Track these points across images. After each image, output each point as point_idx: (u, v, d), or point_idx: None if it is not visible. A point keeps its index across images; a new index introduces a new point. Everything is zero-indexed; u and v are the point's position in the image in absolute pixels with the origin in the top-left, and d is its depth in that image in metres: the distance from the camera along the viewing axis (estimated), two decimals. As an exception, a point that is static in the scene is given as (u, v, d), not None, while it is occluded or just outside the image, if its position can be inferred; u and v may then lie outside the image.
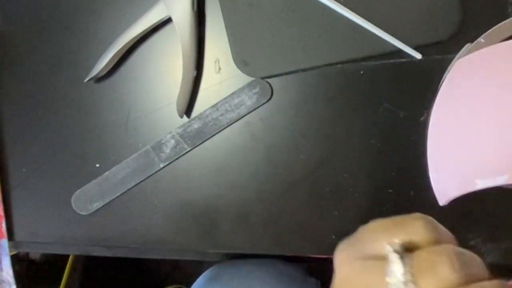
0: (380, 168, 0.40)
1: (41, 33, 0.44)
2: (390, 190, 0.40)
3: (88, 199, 0.43)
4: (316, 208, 0.41)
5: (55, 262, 0.81)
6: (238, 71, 0.41)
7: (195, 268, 0.52)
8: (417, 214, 0.24)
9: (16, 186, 0.44)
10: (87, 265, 0.84)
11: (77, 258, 0.82)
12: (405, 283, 0.21)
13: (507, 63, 0.32)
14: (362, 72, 0.41)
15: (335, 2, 0.39)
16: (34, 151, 0.44)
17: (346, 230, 0.41)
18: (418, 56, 0.39)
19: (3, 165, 0.44)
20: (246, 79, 0.41)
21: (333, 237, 0.41)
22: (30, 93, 0.44)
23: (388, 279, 0.22)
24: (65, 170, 0.43)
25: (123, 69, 0.43)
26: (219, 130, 0.42)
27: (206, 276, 0.50)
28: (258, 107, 0.41)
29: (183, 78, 0.40)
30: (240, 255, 0.51)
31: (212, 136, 0.42)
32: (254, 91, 0.41)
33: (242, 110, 0.41)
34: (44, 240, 0.44)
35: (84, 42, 0.43)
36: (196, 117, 0.42)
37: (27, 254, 0.77)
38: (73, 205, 0.43)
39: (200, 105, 0.42)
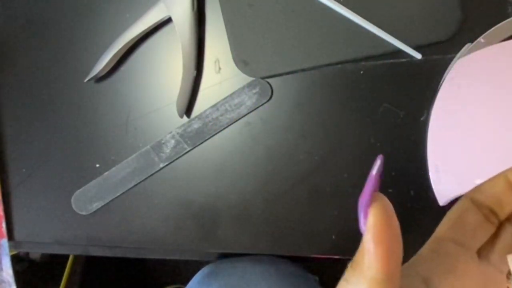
0: (380, 168, 0.40)
1: (41, 33, 0.44)
2: (390, 190, 0.40)
3: (88, 199, 0.43)
4: (316, 208, 0.41)
5: (55, 262, 0.81)
6: (238, 71, 0.41)
7: (195, 268, 0.51)
8: None
9: (16, 186, 0.44)
10: (87, 265, 0.84)
11: (77, 258, 0.82)
12: None
13: (507, 63, 0.32)
14: (362, 72, 0.41)
15: (335, 2, 0.39)
16: (34, 151, 0.44)
17: (346, 230, 0.41)
18: (418, 56, 0.39)
19: (3, 165, 0.44)
20: (246, 79, 0.41)
21: (333, 237, 0.41)
22: (30, 93, 0.44)
23: None
24: (65, 170, 0.43)
25: (123, 69, 0.43)
26: (219, 130, 0.42)
27: (203, 273, 0.50)
28: (258, 107, 0.41)
29: (183, 78, 0.40)
30: (239, 255, 0.51)
31: (212, 136, 0.42)
32: (254, 91, 0.41)
33: (242, 110, 0.41)
34: (44, 240, 0.44)
35: (84, 42, 0.43)
36: (196, 117, 0.42)
37: (27, 254, 0.77)
38: (73, 205, 0.43)
39: (200, 105, 0.42)
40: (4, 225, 0.43)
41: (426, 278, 0.24)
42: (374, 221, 0.20)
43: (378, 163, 0.21)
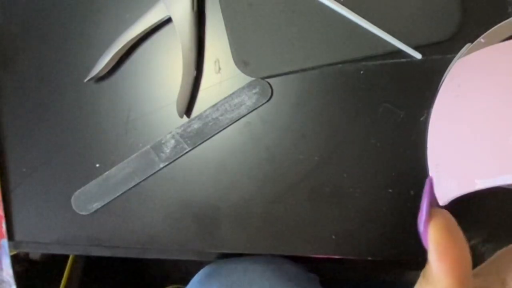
0: (380, 168, 0.40)
1: (41, 33, 0.44)
2: (390, 190, 0.40)
3: (88, 199, 0.43)
4: (316, 208, 0.41)
5: (55, 262, 0.81)
6: (238, 71, 0.41)
7: (195, 268, 0.51)
8: None
9: (16, 186, 0.44)
10: (87, 265, 0.84)
11: (77, 258, 0.82)
12: None
13: (507, 63, 0.32)
14: (362, 72, 0.41)
15: (335, 2, 0.39)
16: (34, 151, 0.44)
17: (346, 230, 0.41)
18: (418, 56, 0.39)
19: (3, 165, 0.44)
20: (246, 79, 0.41)
21: (333, 237, 0.41)
22: (30, 93, 0.44)
23: None
24: (65, 170, 0.43)
25: (123, 69, 0.43)
26: (219, 130, 0.42)
27: (204, 272, 0.50)
28: (258, 107, 0.41)
29: (183, 78, 0.40)
30: (239, 255, 0.51)
31: (212, 136, 0.42)
32: (254, 91, 0.41)
33: (242, 110, 0.41)
34: (44, 240, 0.44)
35: (84, 42, 0.43)
36: (196, 117, 0.42)
37: (27, 254, 0.76)
38: (73, 205, 0.43)
39: (200, 105, 0.42)
40: (4, 225, 0.44)
41: (503, 279, 0.25)
42: (435, 238, 0.20)
43: (428, 185, 0.22)
